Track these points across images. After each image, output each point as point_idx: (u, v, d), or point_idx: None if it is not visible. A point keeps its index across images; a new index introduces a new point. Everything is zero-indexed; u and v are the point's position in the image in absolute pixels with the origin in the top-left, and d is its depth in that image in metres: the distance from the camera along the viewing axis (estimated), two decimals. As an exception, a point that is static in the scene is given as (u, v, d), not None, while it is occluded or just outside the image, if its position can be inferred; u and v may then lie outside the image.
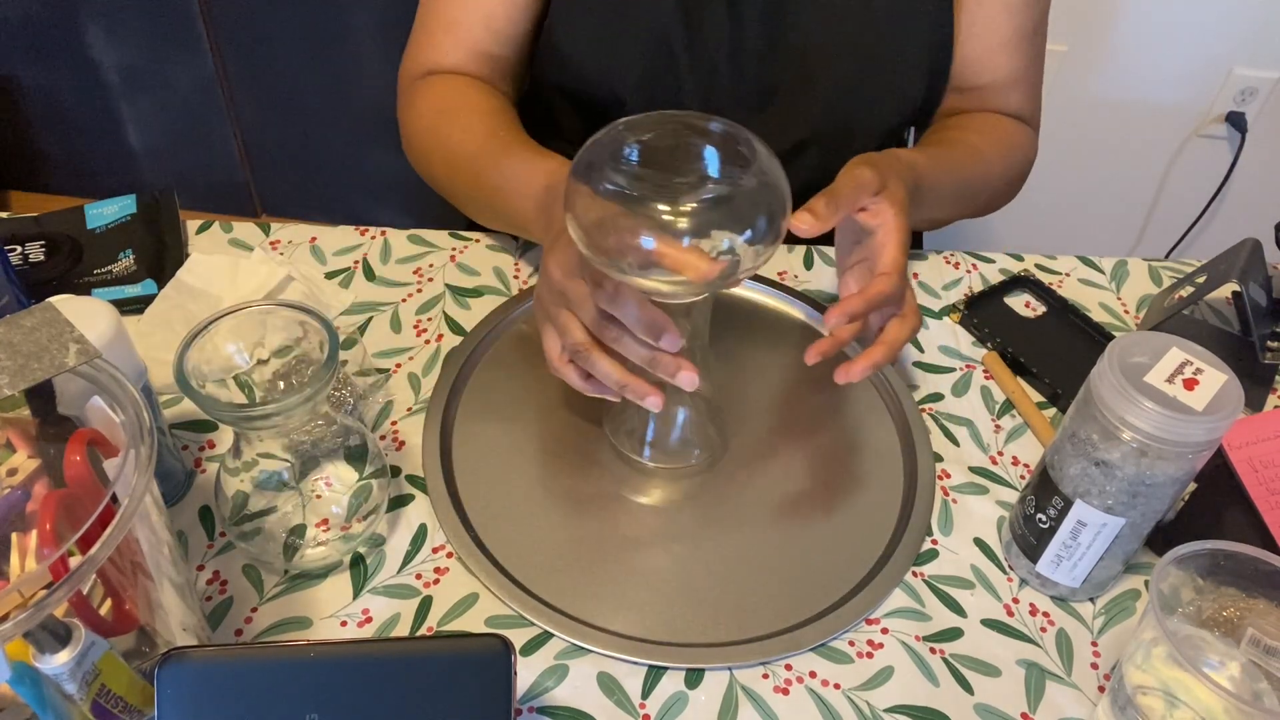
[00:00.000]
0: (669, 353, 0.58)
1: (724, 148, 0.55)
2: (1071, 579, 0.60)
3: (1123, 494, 0.55)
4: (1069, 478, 0.57)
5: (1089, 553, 0.58)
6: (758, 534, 0.64)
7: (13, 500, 0.48)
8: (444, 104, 0.80)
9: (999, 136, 0.84)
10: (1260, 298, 0.76)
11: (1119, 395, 0.52)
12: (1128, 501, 0.55)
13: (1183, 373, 0.53)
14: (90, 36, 1.75)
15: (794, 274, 0.83)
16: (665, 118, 0.57)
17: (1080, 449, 0.56)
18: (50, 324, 0.46)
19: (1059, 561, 0.60)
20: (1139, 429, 0.52)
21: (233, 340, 0.55)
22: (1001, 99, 0.86)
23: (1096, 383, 0.54)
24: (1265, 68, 1.54)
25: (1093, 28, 1.51)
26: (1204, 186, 1.66)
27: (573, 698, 0.55)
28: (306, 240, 0.82)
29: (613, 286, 0.57)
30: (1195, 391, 0.53)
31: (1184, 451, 0.53)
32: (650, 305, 0.57)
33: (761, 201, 0.54)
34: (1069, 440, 0.57)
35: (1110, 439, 0.54)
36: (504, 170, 0.72)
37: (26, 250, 0.78)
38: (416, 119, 0.82)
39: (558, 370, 0.63)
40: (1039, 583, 0.62)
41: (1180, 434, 0.52)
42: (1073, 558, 0.59)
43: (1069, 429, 0.57)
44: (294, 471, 0.58)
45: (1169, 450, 0.52)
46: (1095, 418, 0.54)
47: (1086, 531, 0.57)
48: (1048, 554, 0.60)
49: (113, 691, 0.44)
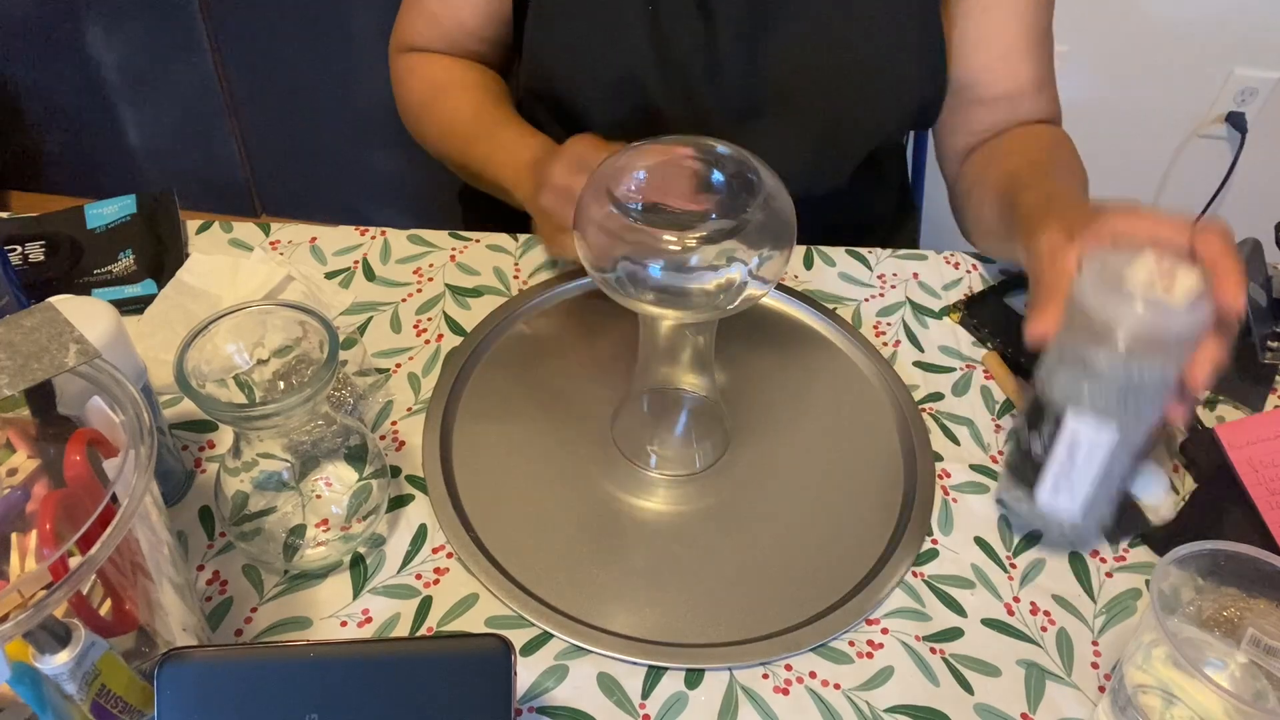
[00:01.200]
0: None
1: (732, 174, 0.56)
2: (1072, 503, 0.59)
3: (1112, 397, 0.56)
4: (1059, 387, 0.57)
5: (1086, 470, 0.58)
6: (758, 534, 0.64)
7: (13, 500, 0.48)
8: (438, 80, 0.86)
9: (1056, 140, 0.84)
10: (1260, 298, 0.76)
11: (1102, 298, 0.54)
12: (1118, 404, 0.56)
13: (1158, 274, 0.55)
14: (90, 36, 1.75)
15: (794, 274, 0.83)
16: (674, 142, 0.57)
17: (1068, 363, 0.56)
18: (50, 324, 0.46)
19: (1058, 488, 0.59)
20: (1124, 328, 0.54)
21: (233, 340, 0.55)
22: (1030, 105, 0.85)
23: (1079, 293, 0.55)
24: (1265, 68, 1.54)
25: (1093, 28, 1.51)
26: (1204, 186, 1.66)
27: (573, 698, 0.55)
28: (306, 240, 0.82)
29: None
30: (1173, 289, 0.54)
31: (1169, 346, 0.54)
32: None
33: (769, 229, 0.54)
34: (1057, 358, 0.57)
35: (1097, 344, 0.55)
36: (494, 141, 0.78)
37: (26, 250, 0.78)
38: (410, 93, 0.88)
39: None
40: (1043, 522, 0.62)
41: (1163, 329, 0.53)
42: (1071, 478, 0.58)
43: (1056, 348, 0.58)
44: (294, 471, 0.58)
45: (1154, 345, 0.54)
46: (1081, 328, 0.55)
47: (1082, 448, 0.57)
48: (1047, 481, 0.59)
49: (113, 691, 0.44)
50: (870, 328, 0.78)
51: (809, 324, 0.79)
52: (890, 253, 0.85)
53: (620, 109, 0.82)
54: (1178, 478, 0.69)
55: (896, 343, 0.77)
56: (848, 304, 0.80)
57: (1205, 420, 0.73)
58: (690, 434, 0.68)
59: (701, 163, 0.57)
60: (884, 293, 0.81)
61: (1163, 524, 0.65)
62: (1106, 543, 0.64)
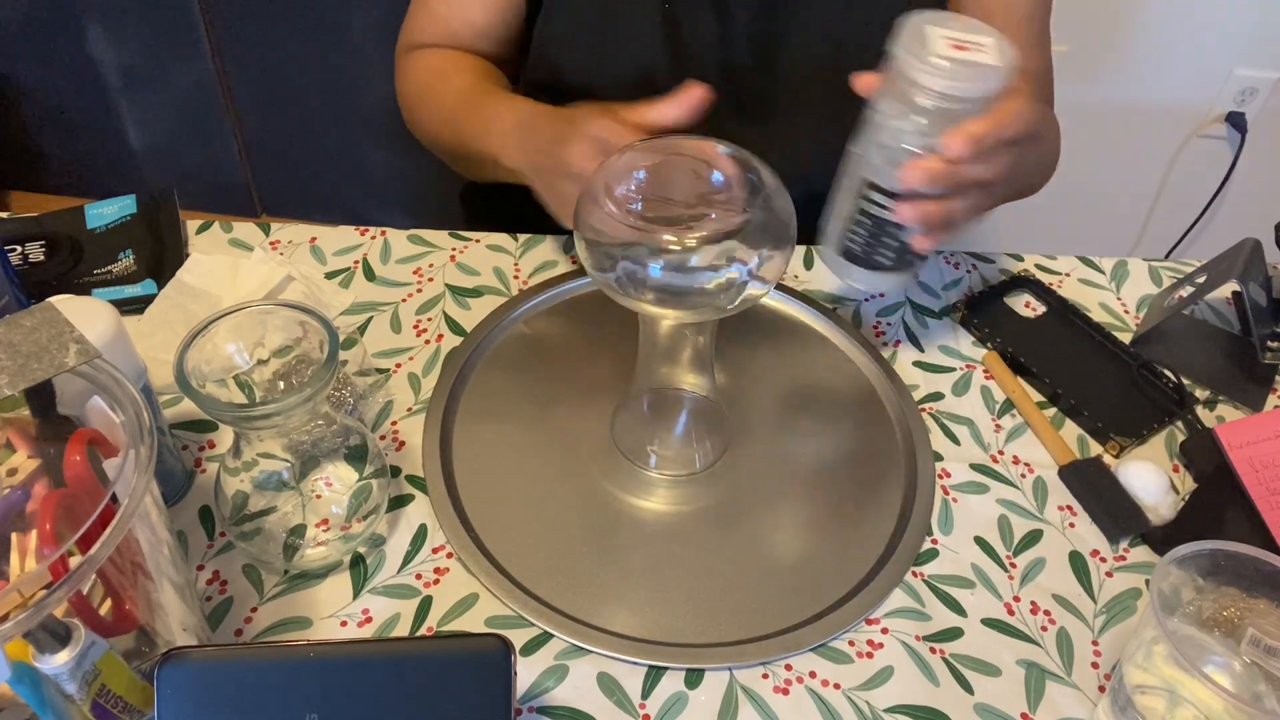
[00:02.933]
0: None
1: (732, 174, 0.56)
2: (824, 218, 0.64)
3: (871, 128, 0.60)
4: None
5: (836, 186, 0.63)
6: (758, 534, 0.64)
7: (13, 500, 0.48)
8: (435, 65, 0.86)
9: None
10: (1260, 298, 0.76)
11: (899, 45, 0.57)
12: (858, 128, 0.60)
13: (966, 43, 0.56)
14: (90, 36, 1.75)
15: (794, 274, 0.83)
16: (675, 142, 0.57)
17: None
18: (50, 324, 0.46)
19: (825, 208, 0.65)
20: (895, 66, 0.57)
21: (233, 340, 0.55)
22: None
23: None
24: (1265, 68, 1.54)
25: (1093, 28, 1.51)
26: (1204, 186, 1.66)
27: (573, 698, 0.55)
28: (306, 240, 0.82)
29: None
30: (951, 50, 0.56)
31: (891, 82, 0.57)
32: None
33: (769, 229, 0.54)
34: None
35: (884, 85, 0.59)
36: (482, 113, 0.77)
37: (26, 250, 0.78)
38: (408, 83, 0.88)
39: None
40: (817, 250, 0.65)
41: (897, 58, 0.56)
42: (832, 196, 0.64)
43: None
44: (294, 471, 0.58)
45: (889, 79, 0.57)
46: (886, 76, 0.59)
47: (843, 167, 0.62)
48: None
49: (113, 691, 0.44)
50: (870, 328, 0.78)
51: (809, 324, 0.79)
52: (890, 253, 0.85)
53: None
54: (1178, 478, 0.69)
55: (896, 343, 0.77)
56: (848, 304, 0.80)
57: (1205, 420, 0.73)
58: (690, 434, 0.68)
59: (701, 163, 0.57)
60: (884, 293, 0.81)
61: (1163, 524, 0.65)
62: (852, 283, 0.68)
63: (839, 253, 0.64)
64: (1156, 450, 0.71)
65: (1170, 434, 0.72)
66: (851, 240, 0.62)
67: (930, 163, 0.56)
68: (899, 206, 0.59)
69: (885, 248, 0.63)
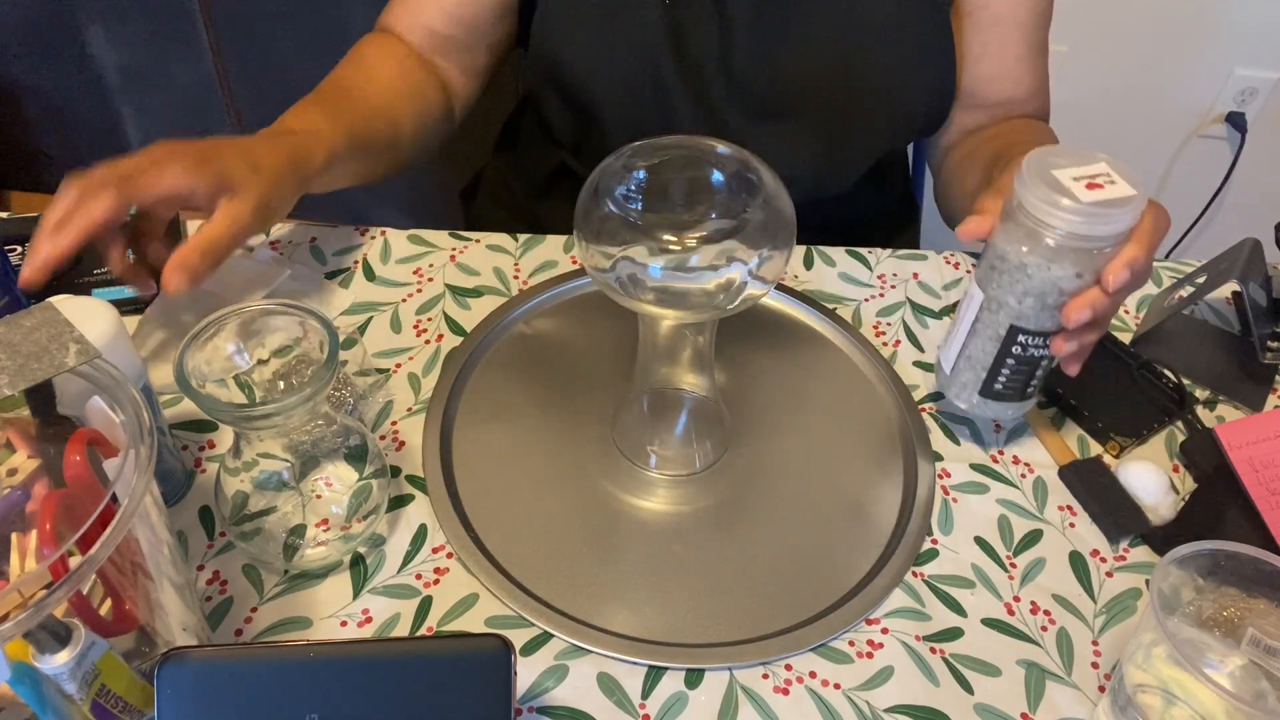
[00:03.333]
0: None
1: (732, 174, 0.56)
2: (948, 360, 0.66)
3: (985, 268, 0.61)
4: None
5: (960, 329, 0.64)
6: (758, 534, 0.64)
7: (13, 500, 0.48)
8: (362, 54, 0.83)
9: (1045, 129, 0.86)
10: (1260, 298, 0.76)
11: (1023, 183, 0.57)
12: (986, 275, 0.61)
13: (1094, 178, 0.56)
14: (90, 36, 1.75)
15: (794, 274, 0.83)
16: (675, 142, 0.57)
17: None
18: (50, 324, 0.46)
19: (948, 341, 0.66)
20: (1024, 208, 0.57)
21: (233, 340, 0.55)
22: (1021, 110, 0.88)
23: (1016, 180, 0.58)
24: (1265, 68, 1.54)
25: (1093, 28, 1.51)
26: (1204, 186, 1.66)
27: (573, 698, 0.55)
28: (306, 240, 0.82)
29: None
30: (1088, 190, 0.55)
31: (1035, 231, 0.57)
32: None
33: (769, 229, 0.54)
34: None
35: (1006, 221, 0.59)
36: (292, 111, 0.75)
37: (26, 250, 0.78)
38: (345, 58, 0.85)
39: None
40: (941, 385, 0.68)
41: (1034, 207, 0.56)
42: (951, 338, 0.65)
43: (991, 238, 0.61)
44: (294, 471, 0.58)
45: (1023, 226, 0.57)
46: (1004, 214, 0.59)
47: (964, 306, 0.63)
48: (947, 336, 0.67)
49: (113, 691, 0.44)
50: (870, 328, 0.78)
51: (809, 324, 0.79)
52: (890, 253, 0.85)
53: (633, 105, 0.81)
54: (1178, 478, 0.69)
55: (896, 343, 0.77)
56: (848, 304, 0.80)
57: (1205, 420, 0.73)
58: (690, 434, 0.68)
59: (702, 163, 0.57)
60: (884, 293, 0.81)
61: (1163, 524, 0.65)
62: (997, 418, 0.69)
63: (984, 396, 0.64)
64: (1156, 450, 0.71)
65: (1170, 434, 0.72)
66: (999, 383, 0.63)
67: (1093, 296, 0.57)
68: (1055, 343, 0.60)
69: (1035, 380, 0.64)
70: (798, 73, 0.81)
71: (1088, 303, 0.57)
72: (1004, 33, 0.83)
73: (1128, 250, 0.56)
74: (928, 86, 0.83)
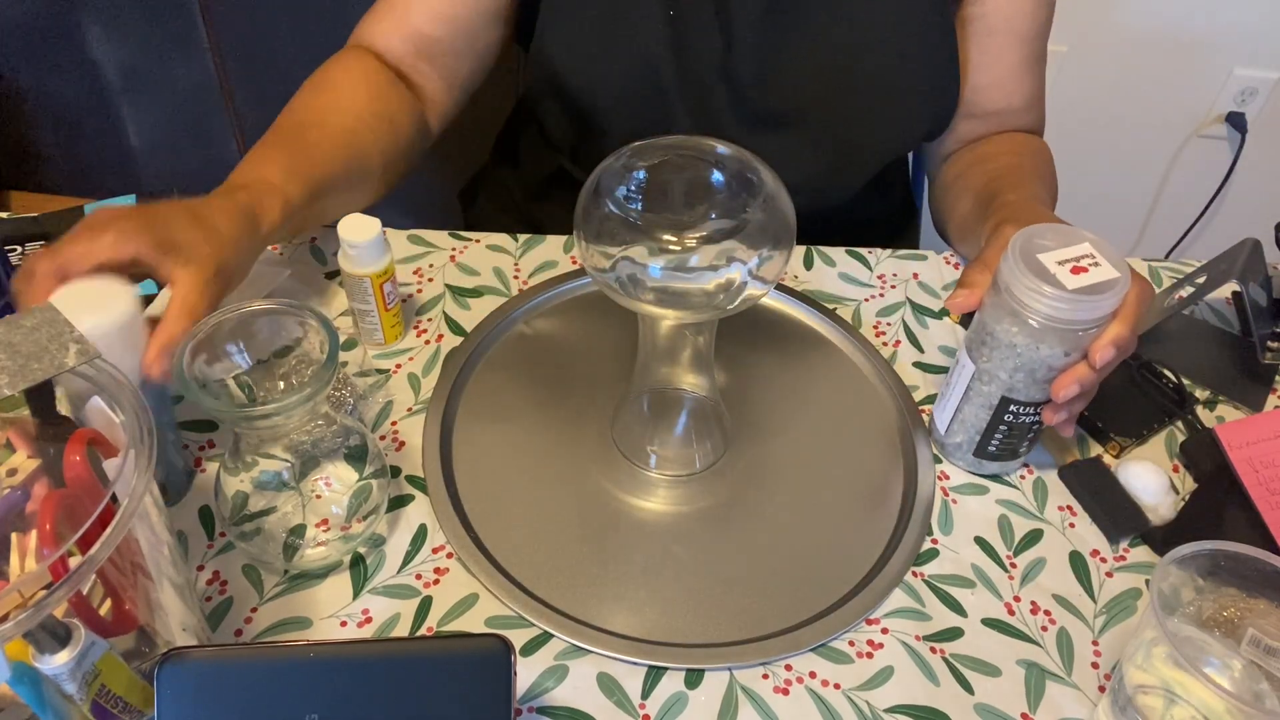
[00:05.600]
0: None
1: (732, 174, 0.56)
2: (942, 422, 0.67)
3: (975, 340, 0.62)
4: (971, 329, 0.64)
5: (952, 395, 0.66)
6: (758, 534, 0.64)
7: (13, 500, 0.48)
8: (314, 85, 0.80)
9: (1038, 150, 0.87)
10: (1260, 298, 0.76)
11: (1010, 264, 0.58)
12: (976, 348, 0.62)
13: (1079, 261, 0.58)
14: (90, 36, 1.75)
15: (794, 274, 0.83)
16: (675, 142, 0.57)
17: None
18: (50, 324, 0.46)
19: (941, 404, 0.68)
20: (1012, 290, 0.58)
21: (233, 340, 0.55)
22: (1018, 119, 0.88)
23: (1003, 259, 0.59)
24: (1265, 68, 1.54)
25: (1093, 28, 1.51)
26: (1204, 186, 1.66)
27: (573, 698, 0.55)
28: (306, 240, 0.82)
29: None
30: (1072, 275, 0.57)
31: (1021, 313, 0.58)
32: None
33: (769, 229, 0.54)
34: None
35: (994, 296, 0.60)
36: (253, 153, 0.73)
37: (26, 250, 0.78)
38: (316, 73, 0.82)
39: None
40: (936, 443, 0.70)
41: (1021, 292, 0.57)
42: (945, 401, 0.67)
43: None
44: (294, 471, 0.58)
45: (1009, 307, 0.59)
46: (993, 288, 0.61)
47: (954, 374, 0.65)
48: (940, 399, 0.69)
49: (112, 691, 0.44)
50: (870, 328, 0.78)
51: (809, 324, 0.79)
52: (890, 253, 0.85)
53: (633, 113, 0.81)
54: (1178, 478, 0.69)
55: (896, 343, 0.77)
56: (848, 304, 0.80)
57: (1205, 420, 0.73)
58: (690, 434, 0.68)
59: (702, 163, 0.57)
60: (884, 293, 0.81)
61: (1163, 524, 0.65)
62: (973, 470, 0.69)
63: (978, 457, 0.67)
64: (1156, 450, 0.71)
65: (1170, 434, 0.72)
66: (992, 446, 0.65)
67: (1081, 372, 0.59)
68: (1047, 412, 0.62)
69: (1026, 440, 0.65)
70: (799, 83, 0.81)
71: (1075, 379, 0.59)
72: (1002, 43, 0.83)
73: (1113, 329, 0.58)
74: (931, 96, 0.83)
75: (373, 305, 0.70)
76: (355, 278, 0.69)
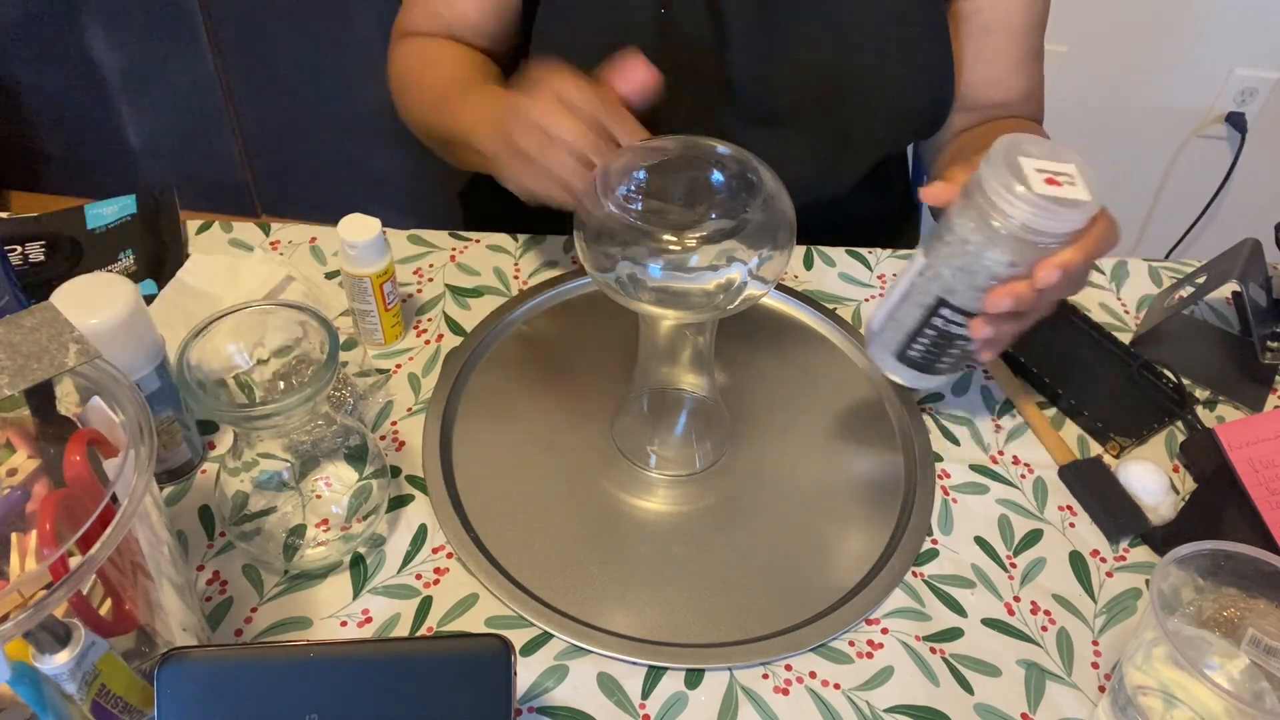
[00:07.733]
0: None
1: (732, 174, 0.56)
2: (878, 318, 0.64)
3: (934, 233, 0.60)
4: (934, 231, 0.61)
5: (896, 290, 0.62)
6: (758, 534, 0.64)
7: (13, 500, 0.48)
8: (428, 51, 0.84)
9: (1036, 130, 0.86)
10: (1260, 298, 0.76)
11: (987, 167, 0.56)
12: (931, 241, 0.59)
13: (1057, 175, 0.56)
14: (90, 36, 1.75)
15: (794, 274, 0.83)
16: (675, 142, 0.57)
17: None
18: (50, 324, 0.46)
19: (883, 302, 0.64)
20: (978, 192, 0.56)
21: (233, 340, 0.55)
22: (1015, 112, 0.88)
23: (981, 163, 0.57)
24: (1265, 68, 1.54)
25: (1093, 28, 1.51)
26: (1204, 186, 1.66)
27: (573, 698, 0.55)
28: (306, 240, 0.82)
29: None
30: (1045, 185, 0.55)
31: (984, 210, 0.55)
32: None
33: (769, 229, 0.54)
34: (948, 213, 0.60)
35: (962, 198, 0.58)
36: (467, 98, 0.75)
37: (26, 250, 0.78)
38: (400, 66, 0.85)
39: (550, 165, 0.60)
40: (866, 339, 0.67)
41: (990, 188, 0.55)
42: (888, 296, 0.64)
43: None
44: (294, 471, 0.58)
45: (976, 203, 0.56)
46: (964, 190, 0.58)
47: (906, 268, 0.62)
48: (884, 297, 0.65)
49: (113, 691, 0.44)
50: (870, 328, 0.78)
51: (809, 324, 0.79)
52: (890, 253, 0.85)
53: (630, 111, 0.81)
54: (1178, 478, 0.69)
55: (896, 343, 0.77)
56: (848, 304, 0.80)
57: (1205, 420, 0.73)
58: (690, 434, 0.68)
59: (702, 163, 0.57)
60: (884, 292, 0.81)
61: (1163, 524, 0.65)
62: (901, 381, 0.67)
63: (897, 358, 0.64)
64: (1156, 450, 0.71)
65: (1170, 434, 0.72)
66: (914, 349, 0.63)
67: (1019, 288, 0.56)
68: (974, 325, 0.59)
69: (948, 357, 0.64)
70: (794, 79, 0.81)
71: (1011, 293, 0.56)
72: (998, 38, 0.83)
73: (1066, 252, 0.56)
74: (925, 91, 0.83)
75: (373, 305, 0.70)
76: (355, 278, 0.69)
